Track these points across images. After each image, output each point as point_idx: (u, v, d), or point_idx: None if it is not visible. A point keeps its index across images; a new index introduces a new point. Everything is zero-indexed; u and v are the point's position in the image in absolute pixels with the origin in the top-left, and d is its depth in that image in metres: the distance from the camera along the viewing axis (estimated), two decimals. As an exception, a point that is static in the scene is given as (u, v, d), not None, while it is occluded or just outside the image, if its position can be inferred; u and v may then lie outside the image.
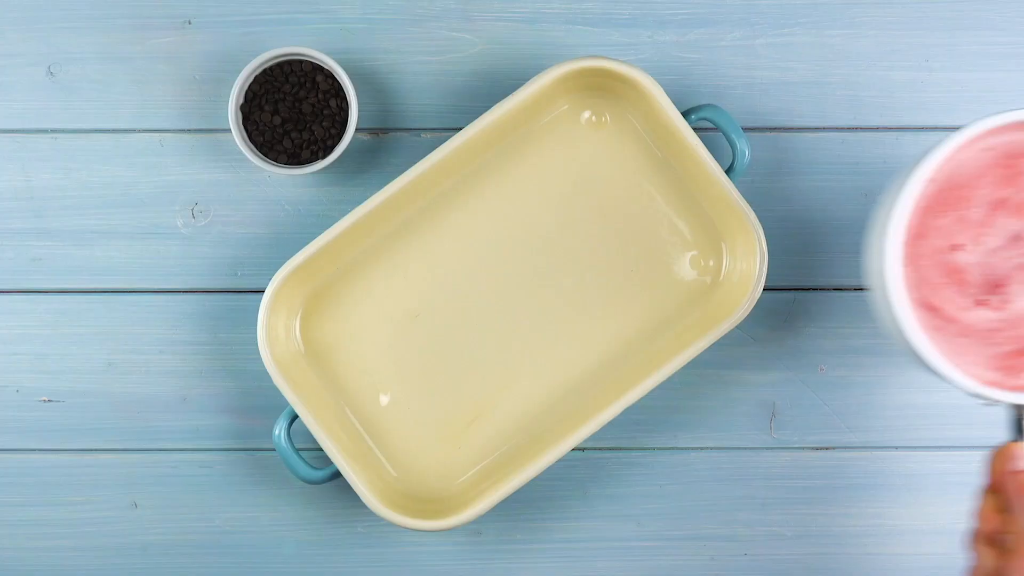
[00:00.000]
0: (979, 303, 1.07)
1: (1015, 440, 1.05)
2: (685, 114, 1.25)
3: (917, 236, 1.07)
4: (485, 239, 1.29)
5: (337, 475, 1.25)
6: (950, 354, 1.07)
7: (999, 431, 1.28)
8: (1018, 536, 1.00)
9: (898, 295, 1.07)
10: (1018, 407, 1.07)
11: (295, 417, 1.25)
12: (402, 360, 1.29)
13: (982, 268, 1.07)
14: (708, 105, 1.25)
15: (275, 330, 1.26)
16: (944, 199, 1.07)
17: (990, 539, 1.03)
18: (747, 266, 1.25)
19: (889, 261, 1.07)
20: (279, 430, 1.25)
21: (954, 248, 1.07)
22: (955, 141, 1.06)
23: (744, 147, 1.25)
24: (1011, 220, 1.07)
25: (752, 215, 1.23)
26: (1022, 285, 1.07)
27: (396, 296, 1.29)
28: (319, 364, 1.29)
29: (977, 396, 1.07)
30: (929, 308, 1.08)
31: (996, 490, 1.05)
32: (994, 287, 1.07)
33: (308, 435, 1.30)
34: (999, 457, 1.04)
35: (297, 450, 1.26)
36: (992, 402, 1.07)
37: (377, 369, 1.29)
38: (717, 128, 1.26)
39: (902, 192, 1.06)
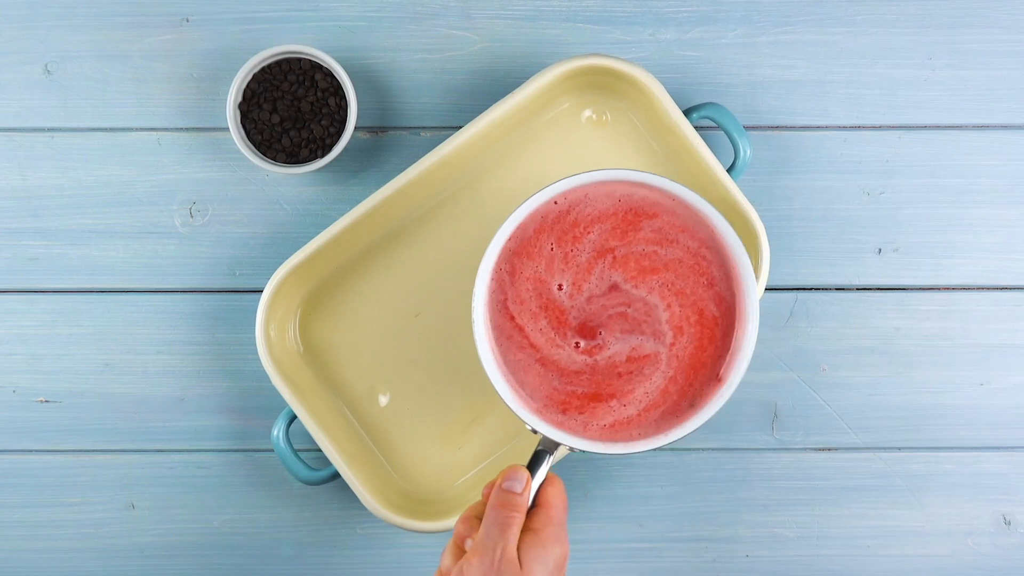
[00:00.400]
0: (573, 345, 1.10)
1: (526, 466, 1.06)
2: (686, 112, 1.25)
3: (523, 253, 1.11)
4: (486, 238, 1.28)
5: (336, 476, 1.25)
6: (516, 368, 1.10)
7: (1007, 432, 1.29)
8: (474, 542, 1.03)
9: (481, 289, 1.10)
10: (548, 442, 1.08)
11: (294, 418, 1.25)
12: (402, 360, 1.29)
13: (579, 312, 1.10)
14: (710, 103, 1.25)
15: (273, 330, 1.26)
16: (562, 227, 1.10)
17: (457, 542, 1.05)
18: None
19: (488, 257, 1.10)
20: (277, 431, 1.25)
21: (560, 288, 1.10)
22: (588, 178, 1.09)
23: (745, 146, 1.25)
24: (612, 271, 1.10)
25: (754, 214, 1.23)
26: (613, 335, 1.09)
27: (396, 296, 1.29)
28: (318, 364, 1.29)
29: (518, 416, 1.09)
30: (512, 321, 1.10)
31: (484, 500, 1.07)
32: (589, 333, 1.10)
33: (307, 436, 1.30)
34: (502, 473, 1.06)
35: (296, 451, 1.26)
36: (531, 428, 1.09)
37: (376, 369, 1.29)
38: (718, 126, 1.26)
39: (525, 203, 1.10)
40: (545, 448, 1.07)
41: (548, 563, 1.02)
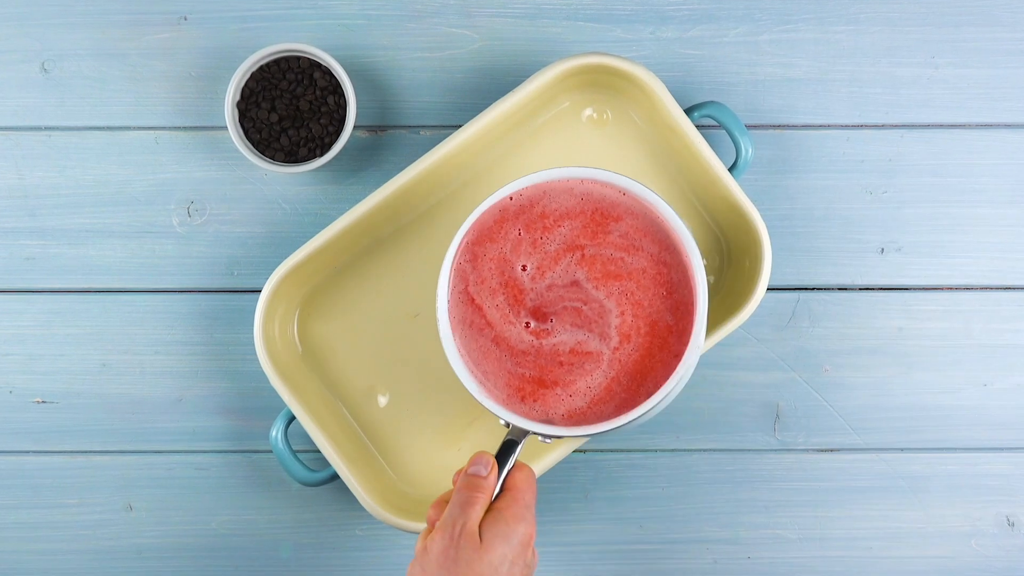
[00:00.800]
0: (524, 324, 1.14)
1: (496, 455, 1.10)
2: (688, 111, 1.25)
3: (485, 239, 1.14)
4: (485, 238, 1.29)
5: (335, 477, 1.25)
6: (475, 353, 1.14)
7: (1010, 432, 1.28)
8: (439, 521, 1.06)
9: (442, 289, 1.14)
10: (517, 431, 1.11)
11: (292, 418, 1.25)
12: (401, 361, 1.29)
13: (537, 295, 1.14)
14: (711, 102, 1.25)
15: (272, 330, 1.26)
16: (529, 216, 1.14)
17: (429, 526, 1.09)
18: (751, 265, 1.25)
19: (447, 258, 1.14)
20: (276, 432, 1.25)
21: (523, 268, 1.14)
22: (540, 176, 1.14)
23: (747, 145, 1.25)
24: (578, 268, 1.13)
25: (756, 214, 1.23)
26: (563, 326, 1.13)
27: (395, 296, 1.29)
28: (317, 364, 1.29)
29: (490, 410, 1.13)
30: (472, 304, 1.14)
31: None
32: (541, 317, 1.13)
33: (305, 437, 1.30)
34: (471, 459, 1.10)
35: (294, 452, 1.26)
36: (503, 422, 1.12)
37: (375, 370, 1.29)
38: (720, 125, 1.26)
39: (482, 203, 1.14)
40: (514, 437, 1.11)
41: (511, 539, 1.05)
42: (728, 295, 1.27)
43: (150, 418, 1.32)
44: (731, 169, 1.25)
